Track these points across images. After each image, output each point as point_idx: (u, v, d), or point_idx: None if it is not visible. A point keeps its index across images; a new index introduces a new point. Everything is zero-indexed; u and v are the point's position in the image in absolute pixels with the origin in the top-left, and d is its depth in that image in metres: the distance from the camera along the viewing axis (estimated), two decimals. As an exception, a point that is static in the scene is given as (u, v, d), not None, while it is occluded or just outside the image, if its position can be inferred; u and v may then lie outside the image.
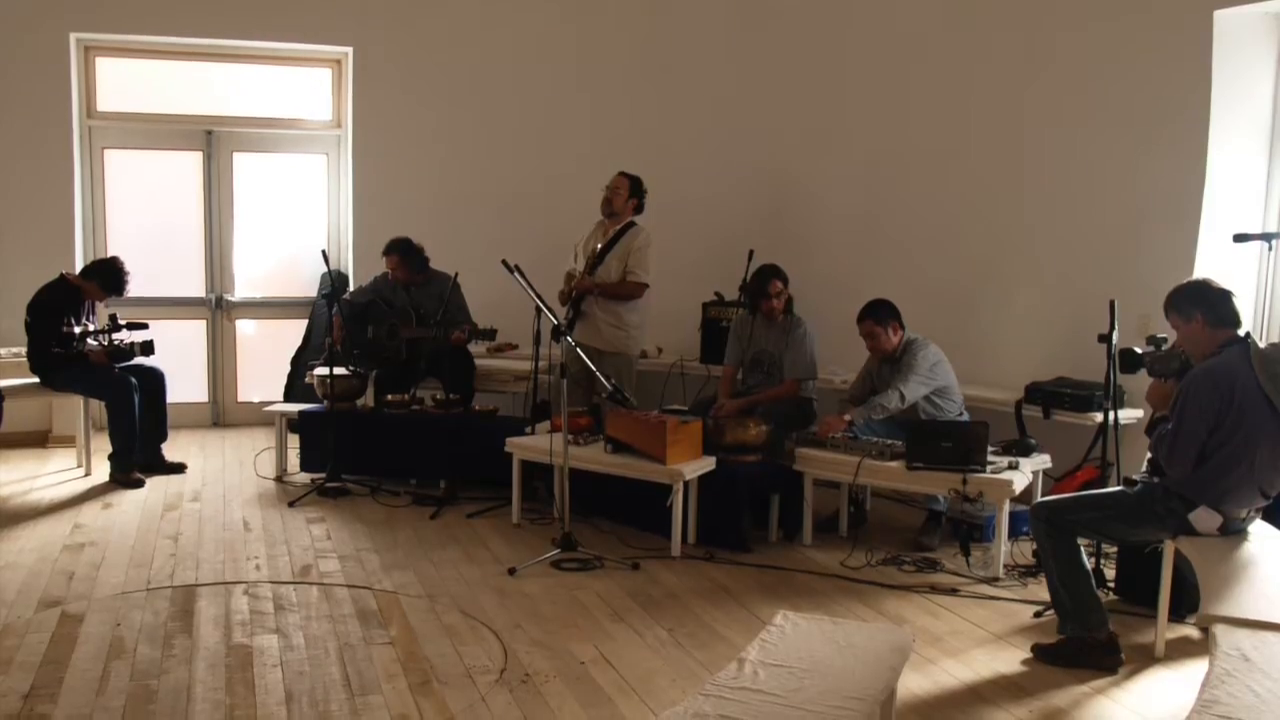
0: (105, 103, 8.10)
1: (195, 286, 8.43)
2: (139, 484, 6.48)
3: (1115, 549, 4.86)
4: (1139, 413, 5.58)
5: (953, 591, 4.84)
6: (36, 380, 6.61)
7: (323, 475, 6.49)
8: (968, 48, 6.89)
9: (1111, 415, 4.93)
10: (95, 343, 6.62)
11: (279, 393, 8.08)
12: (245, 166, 8.46)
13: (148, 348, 6.73)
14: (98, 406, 7.02)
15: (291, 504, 6.12)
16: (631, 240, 6.43)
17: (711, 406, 6.06)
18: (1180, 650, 4.15)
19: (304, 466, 6.79)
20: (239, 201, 8.46)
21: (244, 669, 3.82)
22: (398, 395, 6.70)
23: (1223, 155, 5.69)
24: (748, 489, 5.45)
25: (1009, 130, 6.67)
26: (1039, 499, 4.91)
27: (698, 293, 7.47)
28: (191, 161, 8.35)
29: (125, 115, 8.17)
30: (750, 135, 8.03)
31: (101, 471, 6.66)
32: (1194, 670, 3.81)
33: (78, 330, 6.55)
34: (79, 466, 6.85)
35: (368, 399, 6.91)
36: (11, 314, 6.78)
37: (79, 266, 7.34)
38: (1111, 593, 4.73)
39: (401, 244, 6.84)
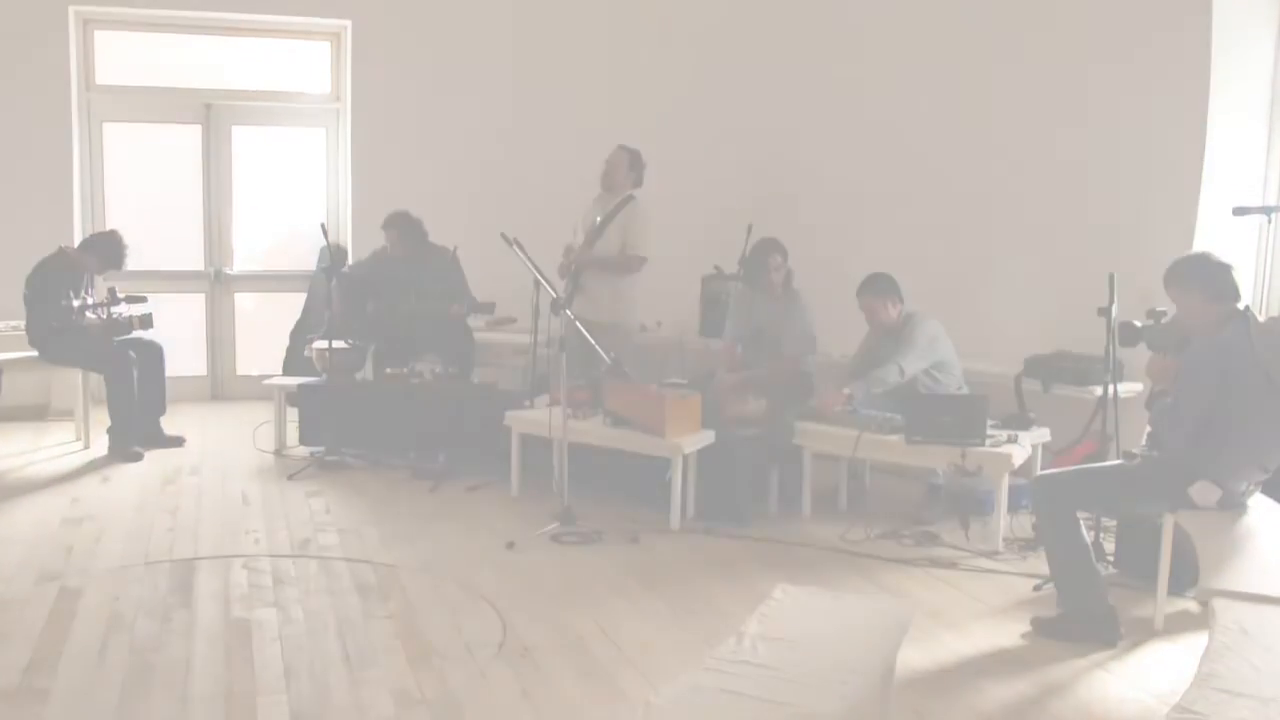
0: (104, 76, 8.06)
1: (194, 260, 8.41)
2: (137, 458, 6.47)
3: (1114, 523, 4.86)
4: (1139, 386, 5.56)
5: (952, 565, 4.84)
6: (35, 354, 6.59)
7: (322, 449, 6.49)
8: (966, 26, 6.83)
9: (1111, 389, 4.91)
10: (94, 316, 6.59)
11: (278, 366, 8.06)
12: (244, 140, 8.42)
13: (146, 321, 6.72)
14: (96, 380, 6.99)
15: (290, 477, 6.12)
16: (630, 214, 6.39)
17: (711, 380, 6.04)
18: (1179, 624, 4.16)
19: (303, 440, 6.77)
20: (238, 175, 8.42)
21: (243, 643, 3.83)
22: (397, 369, 6.69)
23: (1222, 128, 5.64)
24: (747, 463, 5.45)
25: (1008, 104, 6.61)
26: (1038, 472, 4.91)
27: (697, 267, 7.44)
28: (190, 135, 8.31)
29: (124, 88, 8.13)
30: (750, 109, 7.95)
31: (100, 445, 6.65)
32: (1193, 644, 3.80)
33: (76, 303, 6.51)
34: (77, 440, 6.84)
35: (367, 372, 6.90)
36: (10, 287, 6.77)
37: (78, 240, 7.31)
38: (1111, 566, 4.72)
39: (401, 217, 6.82)
